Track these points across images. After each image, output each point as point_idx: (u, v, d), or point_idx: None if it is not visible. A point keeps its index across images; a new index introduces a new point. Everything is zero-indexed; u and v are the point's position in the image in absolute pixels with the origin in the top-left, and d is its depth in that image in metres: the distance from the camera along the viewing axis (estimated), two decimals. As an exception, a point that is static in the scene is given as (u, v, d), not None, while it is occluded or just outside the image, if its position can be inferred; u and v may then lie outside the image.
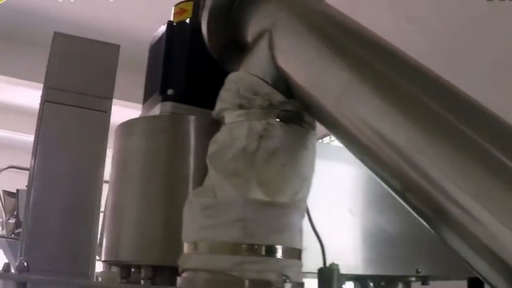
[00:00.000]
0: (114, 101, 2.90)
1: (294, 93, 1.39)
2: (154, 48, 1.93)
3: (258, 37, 1.47)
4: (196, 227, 1.35)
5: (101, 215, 2.54)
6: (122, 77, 2.91)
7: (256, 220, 1.30)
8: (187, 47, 1.79)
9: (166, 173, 1.60)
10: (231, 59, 1.69)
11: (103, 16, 7.08)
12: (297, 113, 1.40)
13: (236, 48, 1.66)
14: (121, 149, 1.71)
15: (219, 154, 1.38)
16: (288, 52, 1.42)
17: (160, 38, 1.87)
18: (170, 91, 1.75)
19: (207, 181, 1.40)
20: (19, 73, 7.64)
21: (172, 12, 1.90)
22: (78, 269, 2.78)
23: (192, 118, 1.63)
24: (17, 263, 1.79)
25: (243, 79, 1.42)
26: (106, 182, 1.97)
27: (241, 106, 1.40)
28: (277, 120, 1.36)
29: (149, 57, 1.97)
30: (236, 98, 1.41)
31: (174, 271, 1.42)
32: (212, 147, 1.41)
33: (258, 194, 1.31)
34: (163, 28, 1.86)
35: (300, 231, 1.39)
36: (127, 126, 1.71)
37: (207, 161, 1.40)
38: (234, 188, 1.33)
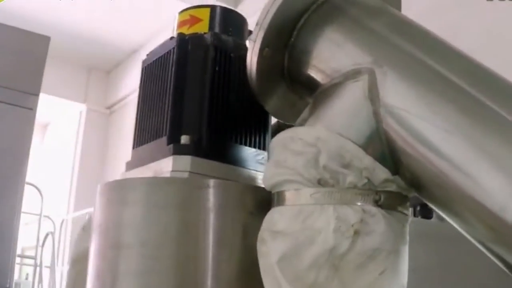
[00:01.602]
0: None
1: (407, 168, 0.98)
2: (153, 69, 1.36)
3: (345, 78, 1.03)
4: None
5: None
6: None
7: None
8: (211, 73, 1.22)
9: (174, 266, 1.12)
10: (281, 100, 1.23)
11: (34, 5, 6.70)
12: (402, 196, 1.00)
13: (291, 87, 1.21)
14: (109, 223, 1.20)
15: (291, 258, 0.95)
16: (405, 108, 0.96)
17: (165, 57, 1.32)
18: (185, 139, 1.19)
19: None
20: None
21: (176, 20, 1.37)
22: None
23: (224, 185, 1.12)
24: None
25: (327, 143, 0.96)
26: (29, 184, 1.56)
27: (321, 182, 0.96)
28: (377, 206, 0.96)
29: (144, 81, 1.40)
30: (312, 169, 0.96)
31: None
32: (279, 245, 0.97)
33: None
34: (169, 43, 1.31)
35: None
36: (119, 189, 1.20)
37: (275, 266, 0.98)
38: None
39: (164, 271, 1.09)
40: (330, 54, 1.08)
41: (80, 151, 8.77)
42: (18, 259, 6.08)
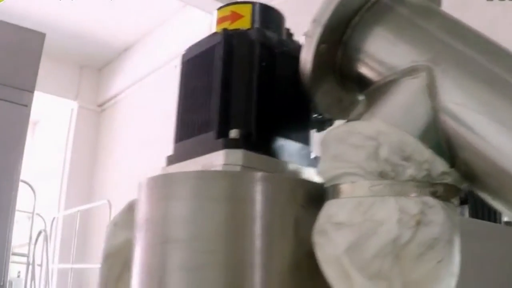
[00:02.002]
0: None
1: (463, 161, 1.02)
2: (196, 63, 1.37)
3: (401, 75, 1.07)
4: None
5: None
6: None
7: None
8: (257, 68, 1.24)
9: (224, 261, 1.13)
10: (329, 95, 1.25)
11: (25, 2, 6.65)
12: (456, 188, 1.04)
13: (340, 83, 1.24)
14: (157, 218, 1.20)
15: (357, 248, 0.99)
16: (463, 103, 1.01)
17: (208, 52, 1.33)
18: (235, 133, 1.20)
19: (341, 285, 1.01)
20: None
21: (216, 16, 1.39)
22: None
23: (275, 178, 1.14)
24: None
25: (387, 136, 1.01)
26: (23, 181, 1.55)
27: (382, 175, 1.01)
28: (435, 198, 1.00)
29: (185, 75, 1.40)
30: (373, 162, 1.01)
31: None
32: (344, 236, 1.01)
33: None
34: (212, 38, 1.32)
35: None
36: (167, 183, 1.19)
37: (343, 255, 1.01)
38: None
39: (215, 265, 1.10)
40: (384, 52, 1.11)
41: (71, 149, 8.72)
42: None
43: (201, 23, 5.93)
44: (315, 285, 1.10)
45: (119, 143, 8.04)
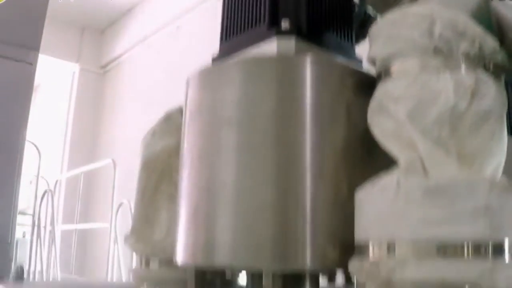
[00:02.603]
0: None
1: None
2: None
3: None
4: (412, 220, 1.00)
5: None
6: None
7: (502, 210, 0.98)
8: None
9: (275, 139, 1.18)
10: None
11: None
12: (504, 68, 1.08)
13: None
14: (205, 106, 1.25)
15: (418, 114, 1.03)
16: None
17: None
18: (285, 23, 1.21)
19: (406, 151, 1.05)
20: None
21: None
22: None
23: (327, 62, 1.18)
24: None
25: (440, 14, 1.03)
26: (28, 141, 1.57)
27: (436, 51, 1.04)
28: (487, 73, 1.04)
29: None
30: (427, 38, 1.04)
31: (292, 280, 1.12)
32: (403, 105, 1.04)
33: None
34: None
35: None
36: (217, 72, 1.22)
37: (405, 120, 1.04)
38: (456, 163, 0.99)
39: (267, 145, 1.16)
40: None
41: (74, 111, 8.67)
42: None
43: (206, -18, 5.88)
44: (366, 168, 1.16)
45: (123, 104, 8.00)
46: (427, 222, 0.98)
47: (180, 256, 1.30)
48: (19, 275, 1.30)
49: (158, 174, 1.60)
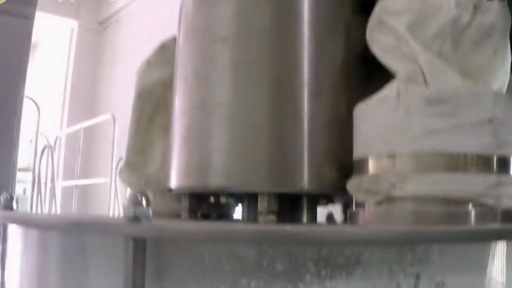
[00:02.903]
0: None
1: None
2: None
3: None
4: (413, 131, 0.95)
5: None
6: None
7: (507, 123, 0.94)
8: None
9: (271, 55, 1.15)
10: None
11: None
12: None
13: None
14: (200, 24, 1.21)
15: (419, 26, 0.98)
16: None
17: None
18: None
19: (406, 64, 1.00)
20: None
21: None
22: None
23: None
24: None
25: None
26: (27, 97, 1.52)
27: None
28: None
29: None
30: None
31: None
32: (403, 19, 1.00)
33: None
34: None
35: None
36: None
37: (405, 34, 1.00)
38: (459, 77, 0.94)
39: (262, 62, 1.13)
40: None
41: (72, 69, 8.60)
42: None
43: None
44: (365, 89, 1.12)
45: (122, 60, 7.91)
46: (429, 133, 0.93)
47: (174, 180, 1.26)
48: (7, 204, 1.27)
49: (153, 105, 1.55)
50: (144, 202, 0.83)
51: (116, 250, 0.83)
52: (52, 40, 9.56)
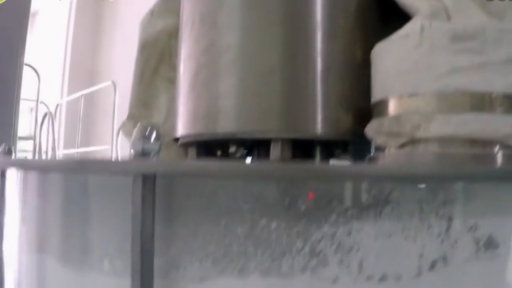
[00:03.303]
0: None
1: None
2: None
3: None
4: (438, 69, 0.88)
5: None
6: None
7: None
8: None
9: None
10: None
11: None
12: None
13: None
14: None
15: None
16: None
17: None
18: None
19: (429, 2, 0.93)
20: None
21: None
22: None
23: None
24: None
25: None
26: (27, 65, 1.45)
27: None
28: None
29: None
30: None
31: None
32: None
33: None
34: None
35: None
36: None
37: None
38: (483, 11, 0.87)
39: (273, 2, 1.07)
40: None
41: (72, 37, 8.50)
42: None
43: None
44: (381, 33, 1.07)
45: (122, 27, 7.81)
46: (454, 71, 0.87)
47: (180, 128, 1.20)
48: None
49: (157, 57, 1.48)
50: (153, 136, 0.78)
51: (123, 189, 0.78)
52: (52, 8, 9.45)
